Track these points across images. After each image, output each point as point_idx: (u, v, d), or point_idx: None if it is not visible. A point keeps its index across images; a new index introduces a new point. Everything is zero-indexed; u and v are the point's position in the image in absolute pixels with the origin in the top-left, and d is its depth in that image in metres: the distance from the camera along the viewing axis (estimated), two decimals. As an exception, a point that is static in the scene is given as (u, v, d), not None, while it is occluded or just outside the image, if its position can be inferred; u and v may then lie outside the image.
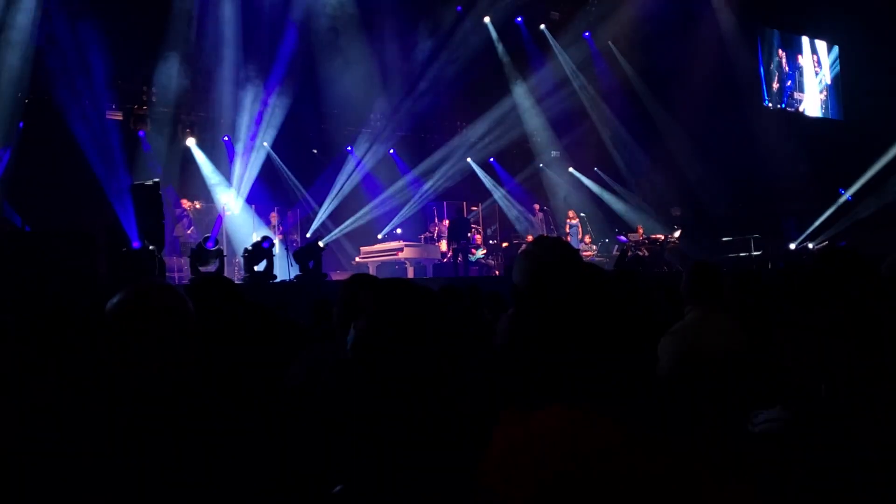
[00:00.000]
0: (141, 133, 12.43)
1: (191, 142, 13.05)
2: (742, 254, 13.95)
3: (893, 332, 0.90)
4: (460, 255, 12.60)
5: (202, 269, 9.27)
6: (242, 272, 10.10)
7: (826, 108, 19.11)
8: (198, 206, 12.90)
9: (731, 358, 2.16)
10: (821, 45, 18.93)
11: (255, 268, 9.65)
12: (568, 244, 2.29)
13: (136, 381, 1.45)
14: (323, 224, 13.78)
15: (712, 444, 1.01)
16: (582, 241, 14.50)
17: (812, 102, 18.81)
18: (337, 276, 12.10)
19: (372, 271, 12.30)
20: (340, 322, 2.39)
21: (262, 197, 13.38)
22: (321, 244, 10.07)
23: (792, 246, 14.67)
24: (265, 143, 13.20)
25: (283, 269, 11.10)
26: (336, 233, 13.74)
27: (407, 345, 1.66)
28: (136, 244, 8.40)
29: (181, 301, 1.54)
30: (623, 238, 14.20)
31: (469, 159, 15.97)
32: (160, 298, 1.53)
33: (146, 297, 1.52)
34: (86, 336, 1.78)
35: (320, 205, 13.82)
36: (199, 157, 13.07)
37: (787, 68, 18.27)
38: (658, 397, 1.15)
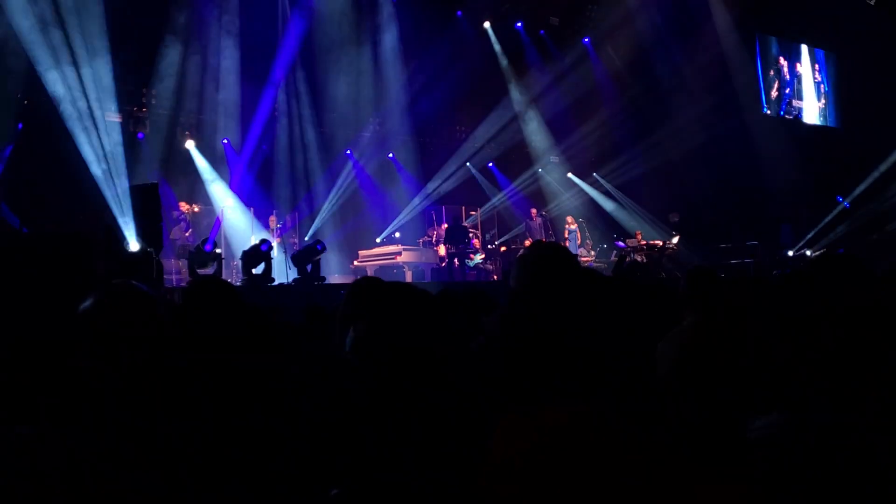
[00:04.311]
0: (140, 135, 12.43)
1: (190, 144, 13.05)
2: (741, 260, 13.98)
3: (892, 338, 0.90)
4: (456, 259, 12.61)
5: (200, 271, 9.26)
6: (240, 275, 10.10)
7: (824, 116, 19.17)
8: (196, 208, 12.88)
9: (729, 363, 2.16)
10: (819, 53, 19.00)
11: (254, 271, 9.65)
12: (566, 249, 2.30)
13: (120, 382, 1.46)
14: (322, 228, 13.78)
15: (709, 449, 1.02)
16: (581, 246, 14.50)
17: (810, 110, 18.87)
18: (335, 279, 12.09)
19: (370, 275, 12.27)
20: (344, 323, 2.38)
21: (261, 200, 13.38)
22: (319, 248, 10.06)
23: (790, 253, 14.70)
24: (264, 146, 13.20)
25: (282, 272, 11.09)
26: (334, 236, 13.74)
27: (405, 347, 1.66)
28: (133, 246, 8.39)
29: (148, 302, 1.55)
30: (621, 244, 14.21)
31: (468, 164, 15.98)
32: (125, 301, 1.53)
33: (112, 299, 1.53)
34: (83, 337, 1.77)
35: (319, 208, 13.83)
36: (198, 159, 13.07)
37: (786, 76, 18.32)
38: (655, 401, 1.15)
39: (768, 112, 17.72)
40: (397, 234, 13.91)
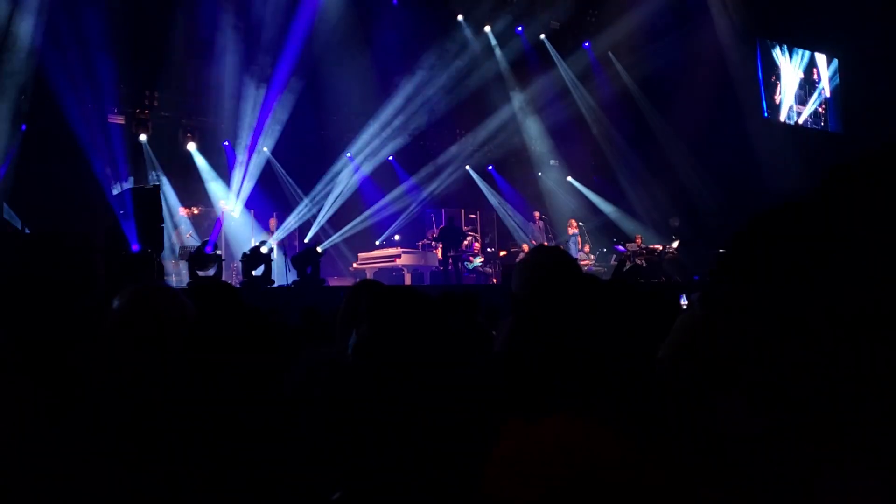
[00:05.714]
0: (142, 137, 12.44)
1: (191, 146, 13.06)
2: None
3: (890, 336, 0.90)
4: (453, 262, 12.59)
5: (200, 273, 9.27)
6: (240, 277, 10.10)
7: (825, 121, 19.17)
8: (195, 211, 12.89)
9: (729, 363, 2.16)
10: (820, 57, 19.00)
11: (253, 272, 9.66)
12: (566, 253, 2.30)
13: (134, 383, 1.46)
14: (321, 230, 13.78)
15: (711, 452, 1.02)
16: (580, 250, 14.49)
17: (812, 115, 18.87)
18: (334, 281, 12.10)
19: (369, 277, 12.26)
20: (344, 326, 2.39)
21: (261, 202, 13.39)
22: (319, 249, 10.08)
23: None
24: (265, 149, 13.21)
25: (282, 274, 11.09)
26: (334, 238, 13.74)
27: (407, 350, 1.66)
28: (134, 247, 8.40)
29: (181, 303, 1.55)
30: (621, 248, 14.20)
31: (468, 167, 15.99)
32: (160, 301, 1.53)
33: (147, 300, 1.53)
34: (84, 337, 1.78)
35: (319, 210, 13.83)
36: (200, 161, 13.09)
37: (786, 80, 18.33)
38: (655, 401, 1.15)
39: (769, 116, 17.72)
40: (397, 237, 13.90)
